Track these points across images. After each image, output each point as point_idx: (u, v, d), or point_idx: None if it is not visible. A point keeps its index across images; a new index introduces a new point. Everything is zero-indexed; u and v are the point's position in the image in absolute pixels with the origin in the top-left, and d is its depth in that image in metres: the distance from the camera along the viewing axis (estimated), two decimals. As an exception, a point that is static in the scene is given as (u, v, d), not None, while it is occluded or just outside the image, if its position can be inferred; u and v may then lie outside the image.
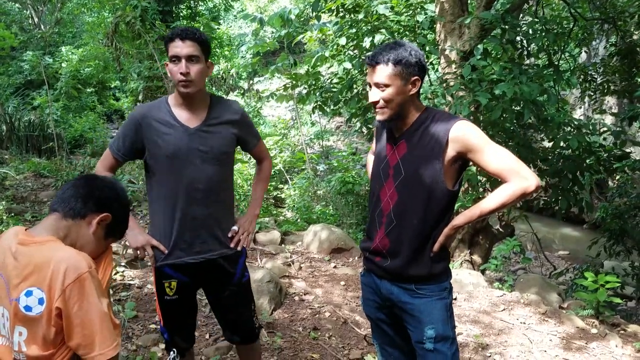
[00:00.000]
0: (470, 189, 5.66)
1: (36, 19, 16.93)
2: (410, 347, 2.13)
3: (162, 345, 3.31)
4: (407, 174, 2.00)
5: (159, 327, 3.50)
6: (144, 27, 7.12)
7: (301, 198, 11.23)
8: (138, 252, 2.28)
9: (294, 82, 7.98)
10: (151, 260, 2.28)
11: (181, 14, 12.27)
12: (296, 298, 4.24)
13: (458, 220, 2.01)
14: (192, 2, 12.84)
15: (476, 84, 4.75)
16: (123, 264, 4.42)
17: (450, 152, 1.94)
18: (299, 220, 9.78)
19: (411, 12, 6.29)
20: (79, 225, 1.49)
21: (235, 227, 2.38)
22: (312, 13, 7.05)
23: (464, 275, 5.00)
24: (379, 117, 2.02)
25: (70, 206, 1.48)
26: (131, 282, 4.15)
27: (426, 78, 6.70)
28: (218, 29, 15.48)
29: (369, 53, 2.01)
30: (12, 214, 5.20)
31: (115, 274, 4.24)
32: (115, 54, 7.80)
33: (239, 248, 2.41)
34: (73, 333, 1.34)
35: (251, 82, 16.68)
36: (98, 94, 15.76)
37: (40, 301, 1.32)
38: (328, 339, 3.67)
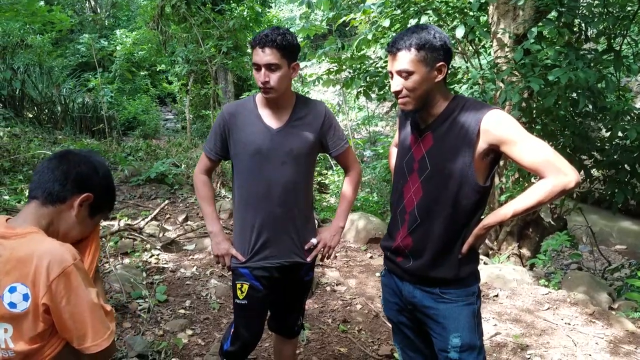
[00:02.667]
0: (521, 179, 5.38)
1: (92, 2, 17.40)
2: (433, 353, 1.99)
3: (189, 332, 3.30)
4: (434, 168, 1.84)
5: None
6: (189, 11, 7.12)
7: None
8: (219, 259, 2.31)
9: (338, 66, 7.81)
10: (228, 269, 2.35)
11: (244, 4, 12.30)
12: (328, 288, 4.15)
13: (489, 219, 1.84)
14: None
15: (529, 69, 4.51)
16: (159, 247, 4.45)
17: (482, 145, 1.77)
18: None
19: (460, -8, 5.98)
20: (60, 211, 1.42)
21: (314, 240, 2.33)
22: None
23: (508, 271, 4.76)
24: (403, 108, 1.87)
25: (48, 191, 1.41)
26: (165, 266, 4.18)
27: (475, 62, 6.40)
28: (268, 12, 15.44)
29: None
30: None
31: (150, 256, 4.28)
32: (161, 37, 7.85)
33: (314, 261, 2.40)
34: (65, 327, 1.29)
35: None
36: (151, 77, 16.09)
37: (25, 297, 1.27)
38: (357, 332, 3.56)
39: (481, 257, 5.49)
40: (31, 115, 10.55)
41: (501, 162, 5.66)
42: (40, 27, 12.76)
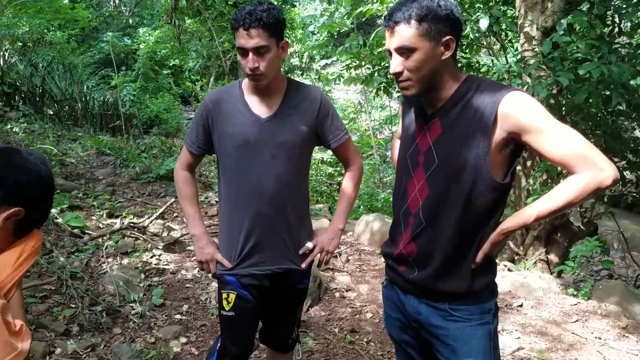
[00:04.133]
0: (549, 180, 5.03)
1: (117, 1, 17.49)
2: (442, 377, 1.71)
3: (183, 339, 3.08)
4: (442, 161, 1.56)
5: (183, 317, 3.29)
6: (203, 4, 6.94)
7: (365, 185, 10.83)
8: (203, 265, 2.06)
9: (357, 62, 7.53)
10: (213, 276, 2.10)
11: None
12: (337, 294, 3.88)
13: (509, 223, 1.53)
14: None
15: (558, 62, 4.19)
16: (160, 246, 4.25)
17: (499, 133, 1.47)
18: (361, 207, 9.42)
19: (486, -19, 5.65)
20: None
21: (309, 244, 2.06)
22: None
23: (533, 279, 4.43)
24: (404, 93, 1.58)
25: None
26: (166, 267, 3.97)
27: (502, 58, 6.05)
28: (291, 9, 15.24)
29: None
30: (58, 191, 5.20)
31: (151, 257, 4.08)
32: (175, 31, 7.71)
33: (310, 267, 2.14)
34: None
35: (312, 63, 16.31)
36: (174, 76, 16.05)
37: None
38: (366, 344, 3.28)
39: (505, 263, 5.15)
40: (51, 112, 10.56)
41: (528, 163, 5.35)
42: (63, 23, 12.82)
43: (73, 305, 3.15)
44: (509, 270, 4.91)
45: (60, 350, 2.77)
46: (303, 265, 2.07)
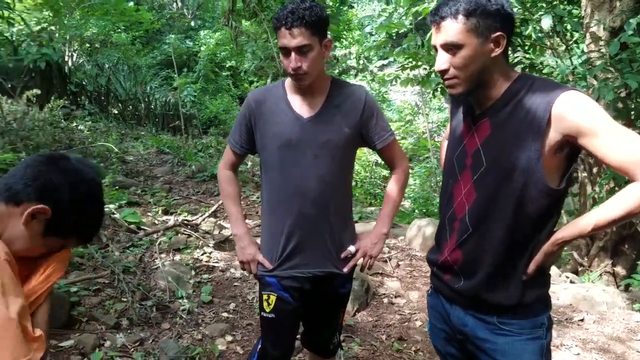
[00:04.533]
0: (616, 188, 4.72)
1: (180, 3, 18.03)
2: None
3: (228, 338, 3.08)
4: (491, 164, 1.47)
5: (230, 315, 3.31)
6: (259, 5, 7.01)
7: (421, 188, 10.61)
8: (244, 265, 2.06)
9: (413, 63, 7.37)
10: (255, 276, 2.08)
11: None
12: (385, 300, 3.79)
13: (564, 232, 1.42)
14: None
15: (626, 64, 3.98)
16: (211, 244, 4.30)
17: (554, 135, 1.37)
18: (415, 211, 9.25)
19: (550, -21, 5.38)
20: (10, 213, 1.18)
21: (352, 248, 2.01)
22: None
23: (597, 292, 4.17)
24: (450, 91, 1.50)
25: (8, 186, 1.19)
26: (215, 265, 4.01)
27: (566, 60, 5.74)
28: (348, 10, 15.23)
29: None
30: (117, 187, 5.38)
31: (202, 254, 4.13)
32: (232, 33, 7.83)
33: (352, 272, 2.09)
34: None
35: (368, 64, 16.16)
36: (233, 77, 16.37)
37: None
38: (414, 353, 3.17)
39: (568, 274, 4.88)
40: (116, 112, 11.01)
41: (594, 169, 5.04)
42: (127, 25, 13.35)
43: (124, 299, 3.23)
44: (571, 282, 4.65)
45: (109, 343, 2.83)
46: (345, 270, 2.01)
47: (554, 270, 4.37)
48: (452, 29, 1.40)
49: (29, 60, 8.60)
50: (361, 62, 15.81)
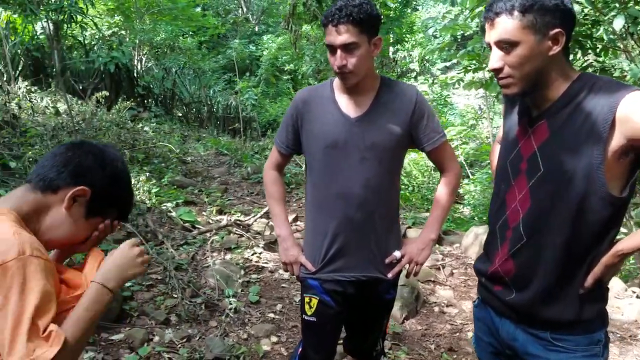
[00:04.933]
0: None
1: (245, 9, 18.44)
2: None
3: (273, 339, 3.07)
4: (548, 170, 1.36)
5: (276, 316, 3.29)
6: (320, 9, 7.02)
7: (482, 195, 10.26)
8: (287, 267, 2.04)
9: (476, 65, 7.14)
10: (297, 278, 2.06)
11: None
12: (436, 309, 3.65)
13: (626, 243, 1.30)
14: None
15: None
16: (261, 245, 4.32)
17: (618, 139, 1.26)
18: (475, 218, 8.96)
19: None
20: (49, 202, 1.20)
21: (397, 253, 1.94)
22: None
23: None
24: (505, 92, 1.40)
25: (42, 176, 1.20)
26: (265, 265, 4.02)
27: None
28: (411, 13, 15.02)
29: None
30: (175, 187, 5.52)
31: (252, 254, 4.16)
32: (292, 36, 7.88)
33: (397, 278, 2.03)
34: None
35: (431, 67, 15.85)
36: (293, 81, 16.56)
37: None
38: (464, 365, 3.04)
39: (634, 289, 4.53)
40: (180, 114, 11.38)
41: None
42: (194, 30, 13.79)
43: (175, 296, 3.29)
44: (638, 297, 4.32)
45: (158, 339, 2.88)
46: (389, 275, 1.94)
47: (619, 285, 4.08)
48: (507, 25, 1.31)
49: (100, 63, 9.05)
50: (424, 64, 15.54)
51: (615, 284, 3.91)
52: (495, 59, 1.36)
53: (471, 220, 8.40)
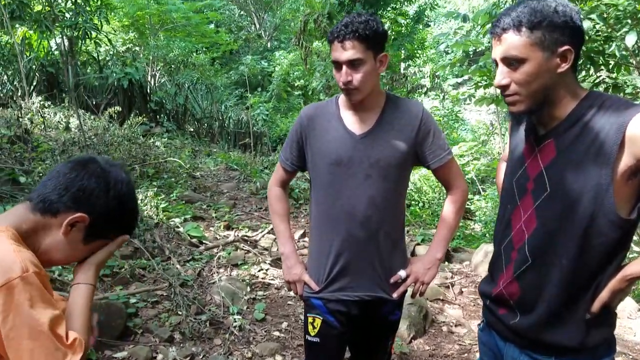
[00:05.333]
0: None
1: (258, 25, 18.63)
2: None
3: (278, 357, 3.02)
4: (555, 190, 1.33)
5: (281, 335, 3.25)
6: (330, 25, 7.05)
7: (493, 211, 10.16)
8: (290, 286, 2.01)
9: (487, 81, 7.11)
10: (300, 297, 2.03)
11: (385, 16, 12.13)
12: (444, 328, 3.59)
13: (634, 268, 1.27)
14: (398, 4, 12.64)
15: None
16: (268, 261, 4.29)
17: (627, 160, 1.23)
18: (486, 235, 8.86)
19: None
20: (48, 223, 1.18)
21: (402, 273, 1.91)
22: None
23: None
24: (511, 109, 1.38)
25: (43, 197, 1.18)
26: (271, 282, 3.99)
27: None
28: (423, 29, 15.07)
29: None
30: (184, 202, 5.53)
31: (259, 270, 4.13)
32: (302, 53, 7.92)
33: (402, 298, 1.99)
34: (4, 348, 1.04)
35: (442, 83, 15.84)
36: (304, 96, 16.63)
37: None
38: (472, 387, 2.97)
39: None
40: (192, 129, 11.44)
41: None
42: (207, 46, 13.95)
43: (180, 313, 3.26)
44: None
45: (161, 357, 2.86)
46: (394, 295, 1.90)
47: (631, 305, 3.98)
48: (514, 41, 1.30)
49: (113, 79, 9.15)
50: (435, 80, 15.56)
51: (628, 305, 3.82)
52: (502, 75, 1.34)
53: (482, 237, 8.29)
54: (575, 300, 1.33)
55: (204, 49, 14.43)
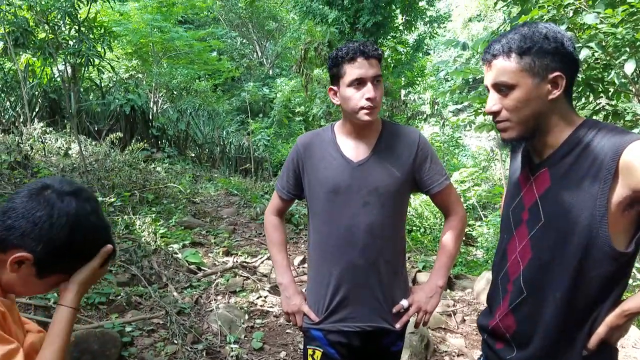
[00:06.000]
0: None
1: (260, 53, 18.86)
2: None
3: (276, 389, 2.95)
4: (549, 220, 1.31)
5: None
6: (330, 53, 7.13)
7: (495, 237, 10.10)
8: (289, 317, 1.97)
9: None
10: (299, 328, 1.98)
11: (384, 44, 12.28)
12: (446, 358, 3.51)
13: (633, 303, 1.23)
14: (397, 32, 12.80)
15: None
16: (267, 288, 4.23)
17: (622, 190, 1.20)
18: (489, 262, 8.80)
19: (632, 23, 5.04)
20: (1, 259, 1.11)
21: (404, 302, 1.87)
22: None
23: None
24: (502, 135, 1.36)
25: None
26: (270, 309, 3.92)
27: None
28: (422, 57, 15.24)
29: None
30: (183, 227, 5.49)
31: (257, 298, 4.07)
32: (303, 80, 7.99)
33: (404, 328, 1.94)
34: None
35: (442, 110, 15.95)
36: (305, 122, 16.75)
37: None
38: (475, 420, 2.88)
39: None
40: (193, 155, 11.48)
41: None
42: (209, 73, 14.10)
43: (176, 342, 3.20)
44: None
45: (155, 386, 2.79)
46: (397, 326, 1.86)
47: (636, 334, 3.90)
48: (503, 67, 1.29)
49: (116, 105, 9.22)
50: (435, 107, 15.67)
51: (633, 333, 3.74)
52: (493, 102, 1.34)
53: (484, 264, 8.22)
54: (571, 335, 1.29)
55: (206, 76, 14.58)
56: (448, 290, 4.83)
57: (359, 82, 1.74)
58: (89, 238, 1.19)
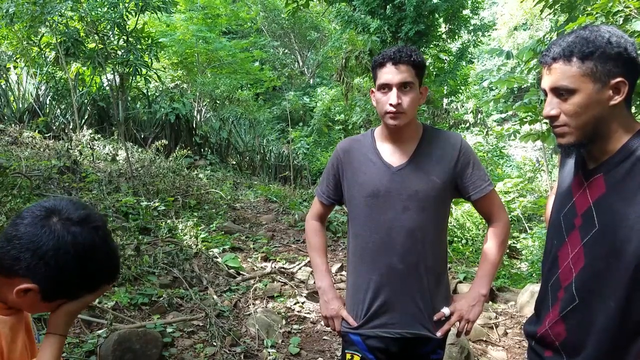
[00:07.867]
0: None
1: (301, 63, 19.05)
2: None
3: (312, 395, 2.94)
4: (604, 227, 1.26)
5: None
6: (371, 61, 7.14)
7: (540, 250, 9.81)
8: (327, 321, 1.97)
9: (532, 117, 6.98)
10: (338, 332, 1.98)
11: (427, 52, 12.20)
12: (487, 371, 3.42)
13: None
14: (440, 41, 12.71)
15: None
16: (304, 294, 4.23)
17: None
18: (533, 275, 8.55)
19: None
20: (8, 282, 1.10)
21: (446, 310, 1.84)
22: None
23: None
24: (559, 141, 1.32)
25: (1, 256, 1.09)
26: (307, 315, 3.92)
27: None
28: (466, 65, 15.05)
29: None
30: (223, 232, 5.57)
31: (295, 303, 4.07)
32: (344, 88, 8.02)
33: (445, 337, 1.91)
34: None
35: (485, 119, 15.67)
36: (345, 131, 16.78)
37: None
38: None
39: None
40: (234, 162, 11.67)
41: None
42: (251, 83, 14.35)
43: (215, 344, 3.23)
44: None
45: (194, 387, 2.82)
46: (438, 334, 1.82)
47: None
48: (564, 72, 1.25)
49: (161, 114, 9.48)
50: (479, 116, 15.41)
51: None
52: (551, 106, 1.29)
53: (529, 277, 7.99)
54: (623, 347, 1.23)
55: (248, 86, 14.84)
56: (490, 302, 4.71)
57: (385, 87, 1.75)
58: (95, 269, 1.16)
